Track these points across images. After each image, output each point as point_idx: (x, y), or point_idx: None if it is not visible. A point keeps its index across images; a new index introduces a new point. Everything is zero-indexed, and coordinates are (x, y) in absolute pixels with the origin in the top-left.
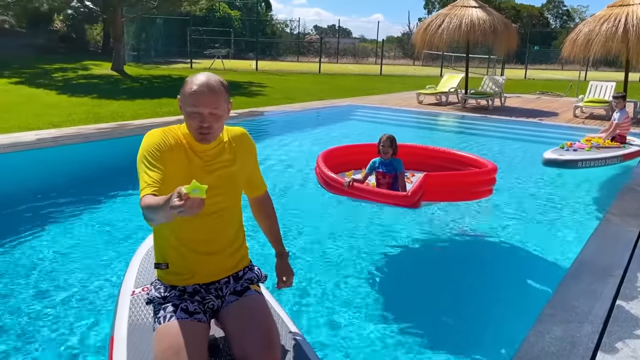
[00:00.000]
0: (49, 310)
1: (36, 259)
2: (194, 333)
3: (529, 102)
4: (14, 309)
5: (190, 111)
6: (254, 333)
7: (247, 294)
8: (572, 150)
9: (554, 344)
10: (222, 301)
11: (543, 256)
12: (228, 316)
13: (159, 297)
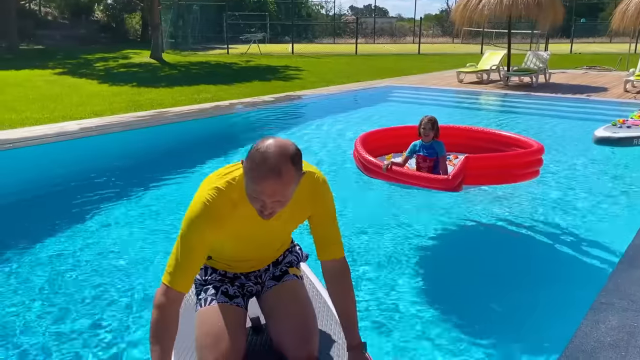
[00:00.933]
0: (100, 291)
1: (83, 244)
2: (233, 317)
3: (576, 77)
4: (71, 283)
5: (250, 194)
6: (289, 322)
7: (285, 279)
8: (626, 127)
9: (610, 334)
10: (262, 286)
11: (595, 241)
12: (266, 303)
13: (200, 279)
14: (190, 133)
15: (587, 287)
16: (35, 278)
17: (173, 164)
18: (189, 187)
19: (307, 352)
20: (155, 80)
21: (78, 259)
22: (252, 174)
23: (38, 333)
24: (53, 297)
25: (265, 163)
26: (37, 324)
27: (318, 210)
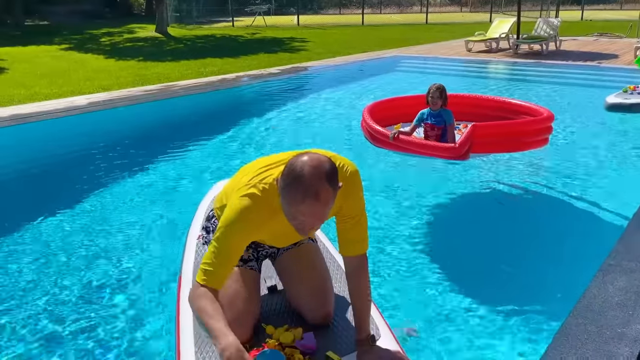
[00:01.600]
0: (122, 254)
1: (92, 216)
2: (247, 280)
3: (587, 44)
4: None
5: (287, 214)
6: (306, 282)
7: (302, 242)
8: (637, 93)
9: (617, 295)
10: (277, 249)
11: (604, 206)
12: (283, 265)
13: None
14: (198, 106)
15: (596, 249)
16: (47, 245)
17: (182, 136)
18: (200, 159)
19: (324, 312)
20: (161, 55)
21: (87, 230)
22: (289, 197)
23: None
24: (62, 256)
25: (301, 185)
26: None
27: (346, 204)
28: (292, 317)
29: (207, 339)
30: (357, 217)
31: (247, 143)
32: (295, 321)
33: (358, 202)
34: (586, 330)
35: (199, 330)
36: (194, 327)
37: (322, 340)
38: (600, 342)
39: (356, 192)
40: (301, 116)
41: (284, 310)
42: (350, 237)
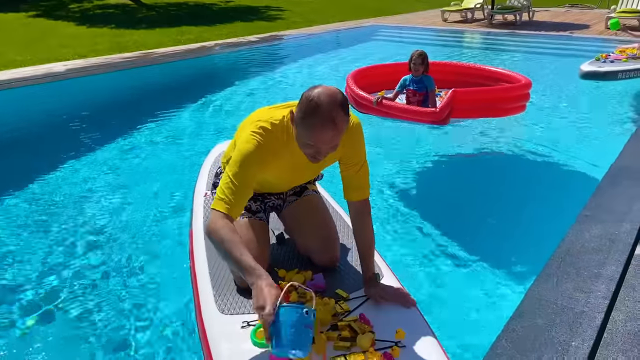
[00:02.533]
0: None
1: (74, 181)
2: (257, 229)
3: (559, 15)
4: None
5: (305, 142)
6: (313, 230)
7: (306, 194)
8: (610, 61)
9: (593, 241)
10: (284, 201)
11: (579, 166)
12: (290, 215)
13: None
14: (180, 73)
15: (574, 203)
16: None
17: (169, 102)
18: (184, 124)
19: (330, 255)
20: (134, 22)
21: (66, 194)
22: (308, 124)
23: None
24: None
25: (319, 112)
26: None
27: (350, 152)
28: (302, 262)
29: (224, 284)
30: (360, 163)
31: (235, 108)
32: (305, 266)
33: (361, 150)
34: (566, 271)
35: (216, 276)
36: (210, 274)
37: (330, 280)
38: (579, 281)
39: (360, 140)
40: (285, 83)
41: (293, 256)
42: (355, 184)
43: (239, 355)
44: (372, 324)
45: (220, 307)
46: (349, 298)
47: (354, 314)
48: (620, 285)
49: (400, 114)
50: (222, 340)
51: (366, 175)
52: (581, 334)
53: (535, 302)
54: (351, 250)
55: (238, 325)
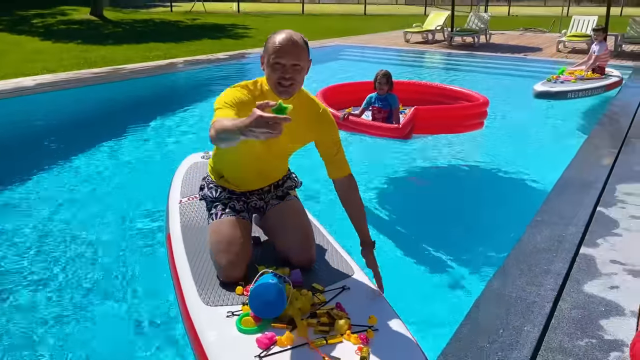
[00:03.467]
0: (104, 224)
1: (76, 183)
2: (240, 227)
3: (514, 38)
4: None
5: (273, 62)
6: (294, 233)
7: (288, 199)
8: (560, 82)
9: (544, 242)
10: (266, 203)
11: (534, 176)
12: (272, 216)
13: (212, 197)
14: (149, 88)
15: (528, 210)
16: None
17: (134, 118)
18: (156, 137)
19: (308, 255)
20: (101, 38)
21: (38, 210)
22: (273, 42)
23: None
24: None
25: (282, 33)
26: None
27: (326, 132)
28: (280, 262)
29: (207, 280)
30: (338, 143)
31: (205, 122)
32: (283, 264)
33: (335, 130)
34: (520, 268)
35: (198, 273)
36: (192, 270)
37: (306, 276)
38: (531, 276)
39: (332, 122)
40: None
41: (272, 256)
42: (337, 160)
43: (226, 340)
44: (347, 312)
45: (204, 299)
46: (324, 290)
47: (330, 304)
48: (567, 279)
49: (366, 129)
50: (209, 328)
51: (344, 154)
52: (532, 320)
53: (493, 295)
54: (323, 251)
55: (223, 315)
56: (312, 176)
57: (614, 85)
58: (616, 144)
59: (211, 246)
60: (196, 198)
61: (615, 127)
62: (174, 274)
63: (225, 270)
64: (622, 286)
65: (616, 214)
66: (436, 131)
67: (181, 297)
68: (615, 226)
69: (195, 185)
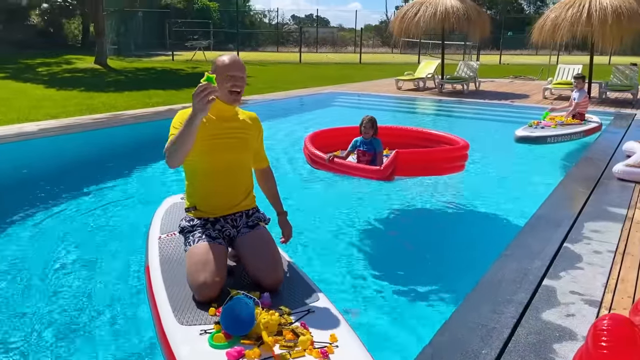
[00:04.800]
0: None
1: (71, 225)
2: (216, 251)
3: (503, 85)
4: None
5: (228, 74)
6: (264, 257)
7: (258, 228)
8: (540, 127)
9: (510, 274)
10: (238, 231)
11: (508, 215)
12: (243, 243)
13: (189, 226)
14: (149, 134)
15: (496, 245)
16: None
17: (136, 162)
18: (154, 182)
19: (276, 277)
20: (103, 85)
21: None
22: (223, 61)
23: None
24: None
25: (227, 55)
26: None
27: (260, 135)
28: (251, 286)
29: (181, 303)
30: (262, 143)
31: None
32: (253, 288)
33: (262, 138)
34: (485, 297)
35: (174, 298)
36: (168, 296)
37: (274, 299)
38: (495, 305)
39: (262, 129)
40: None
41: (244, 282)
42: (262, 156)
43: (198, 354)
44: (310, 330)
45: (179, 319)
46: (291, 312)
47: (295, 324)
48: (527, 308)
49: (350, 170)
50: (182, 344)
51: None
52: (490, 344)
53: (457, 322)
54: (291, 278)
55: (196, 333)
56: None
57: (593, 130)
58: (590, 184)
59: (188, 268)
60: (174, 234)
61: (590, 169)
62: (151, 300)
63: (201, 289)
64: (577, 314)
65: (581, 250)
66: (418, 173)
67: (157, 318)
68: (578, 260)
69: (173, 223)
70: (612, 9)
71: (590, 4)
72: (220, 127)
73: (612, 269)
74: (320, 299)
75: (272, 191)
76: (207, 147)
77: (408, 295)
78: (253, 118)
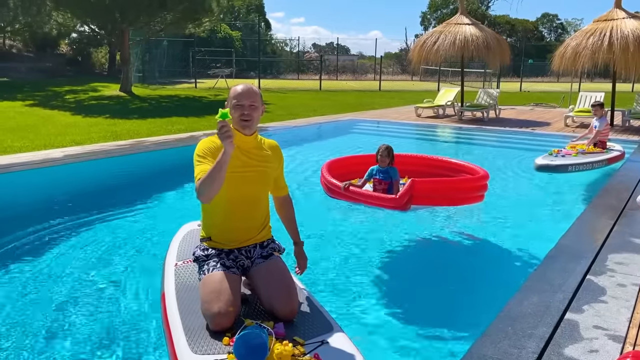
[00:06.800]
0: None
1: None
2: (231, 280)
3: (523, 113)
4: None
5: (234, 103)
6: (278, 287)
7: (272, 258)
8: (561, 156)
9: (530, 307)
10: (252, 262)
11: (528, 245)
12: (257, 274)
13: (203, 256)
14: (170, 160)
15: (517, 276)
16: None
17: (156, 188)
18: (178, 207)
19: (290, 307)
20: (127, 112)
21: (63, 279)
22: (235, 90)
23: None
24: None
25: (240, 85)
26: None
27: (281, 164)
28: (265, 315)
29: (196, 332)
30: (283, 172)
31: None
32: (268, 318)
33: (282, 166)
34: (504, 331)
35: (188, 326)
36: (183, 324)
37: (288, 330)
38: (515, 340)
39: (283, 158)
40: None
41: (258, 312)
42: (282, 184)
43: None
44: None
45: (193, 349)
46: (304, 343)
47: (309, 356)
48: (549, 343)
49: (365, 199)
50: None
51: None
52: None
53: (474, 357)
54: (305, 308)
55: None
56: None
57: (616, 159)
58: (613, 215)
59: (202, 297)
60: (190, 262)
61: (614, 199)
62: (166, 328)
63: (216, 318)
64: (601, 350)
65: (604, 283)
66: (434, 203)
67: (172, 347)
68: (602, 294)
69: (190, 250)
70: (634, 37)
71: (611, 32)
72: (239, 161)
73: (637, 303)
74: (335, 330)
75: (290, 220)
76: (226, 181)
77: (424, 329)
78: (273, 147)
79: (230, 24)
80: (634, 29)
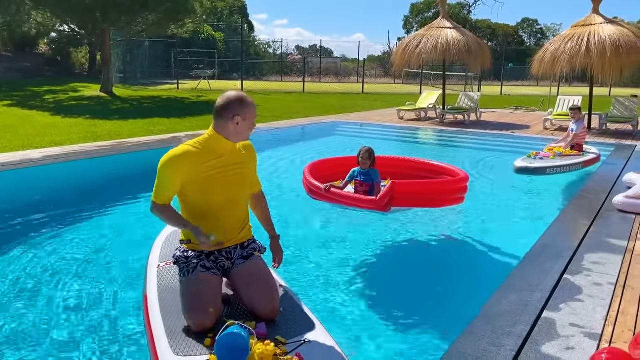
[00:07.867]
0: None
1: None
2: (211, 281)
3: (504, 116)
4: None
5: (253, 120)
6: (259, 287)
7: (252, 259)
8: (539, 158)
9: (509, 306)
10: (232, 263)
11: (507, 246)
12: (238, 274)
13: (184, 258)
14: (151, 162)
15: (498, 276)
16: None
17: (137, 190)
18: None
19: (272, 306)
20: (108, 113)
21: (42, 280)
22: (247, 104)
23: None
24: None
25: (246, 97)
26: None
27: (254, 161)
28: (247, 316)
29: (177, 333)
30: (256, 169)
31: None
32: (250, 318)
33: (256, 164)
34: (483, 329)
35: (170, 328)
36: (165, 326)
37: (270, 329)
38: (493, 338)
39: (255, 155)
40: None
41: (240, 312)
42: (255, 180)
43: None
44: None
45: (175, 350)
46: (286, 342)
47: (291, 355)
48: (527, 341)
49: (346, 200)
50: None
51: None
52: None
53: (454, 355)
54: (287, 307)
55: None
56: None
57: (592, 161)
58: (590, 216)
59: (183, 298)
60: (172, 263)
61: (590, 201)
62: (148, 330)
63: (197, 319)
64: (577, 347)
65: (581, 282)
66: (415, 204)
67: (153, 348)
68: (579, 292)
69: (172, 251)
70: (611, 42)
71: (589, 37)
72: (217, 166)
73: (612, 302)
74: (317, 329)
75: (265, 214)
76: (205, 186)
77: (406, 327)
78: (247, 147)
79: (213, 25)
80: (611, 34)
